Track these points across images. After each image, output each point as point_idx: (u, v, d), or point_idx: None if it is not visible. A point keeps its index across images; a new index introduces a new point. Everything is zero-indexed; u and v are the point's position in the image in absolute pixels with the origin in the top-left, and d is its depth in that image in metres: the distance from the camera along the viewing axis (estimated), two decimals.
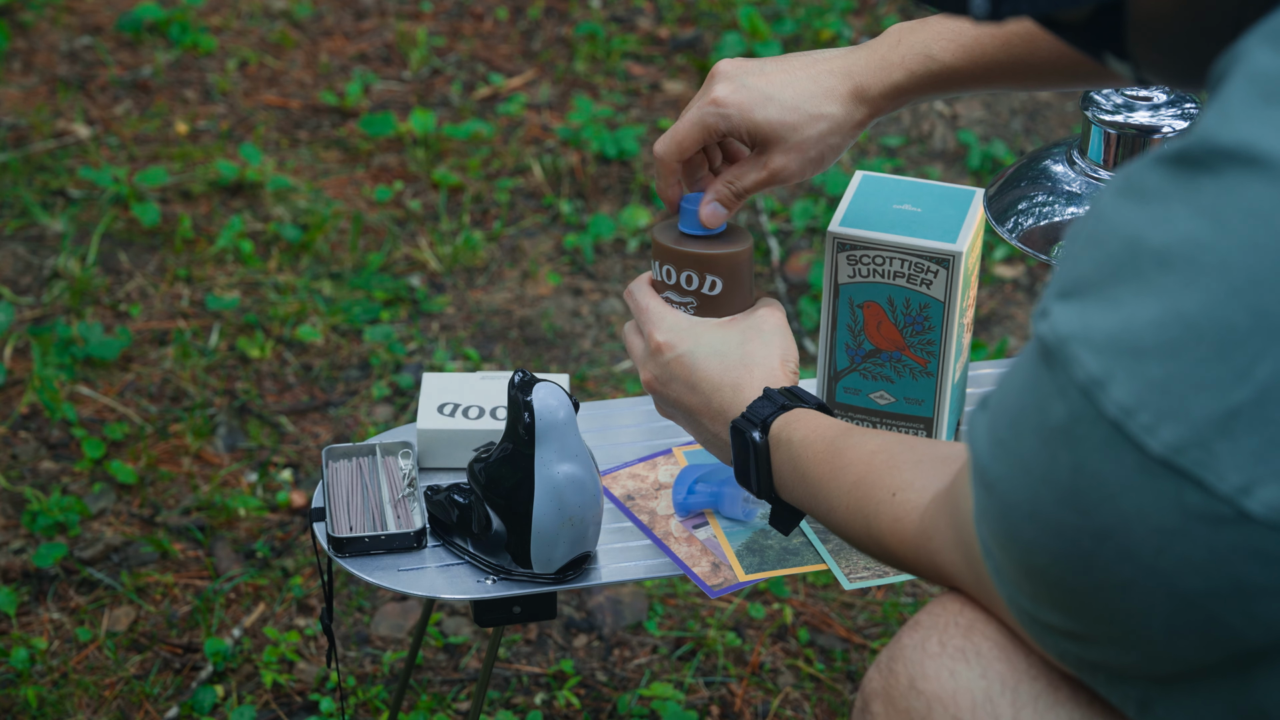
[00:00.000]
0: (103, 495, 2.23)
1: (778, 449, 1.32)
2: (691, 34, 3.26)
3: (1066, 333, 0.86)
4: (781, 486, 1.33)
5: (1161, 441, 0.83)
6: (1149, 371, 0.83)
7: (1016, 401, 0.91)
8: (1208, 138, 0.83)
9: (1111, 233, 0.86)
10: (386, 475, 1.59)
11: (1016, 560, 0.94)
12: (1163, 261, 0.83)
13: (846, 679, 2.00)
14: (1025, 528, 0.91)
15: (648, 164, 2.91)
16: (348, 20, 3.31)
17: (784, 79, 1.42)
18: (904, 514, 1.17)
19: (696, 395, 1.40)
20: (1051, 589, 0.92)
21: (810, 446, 1.29)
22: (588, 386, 2.43)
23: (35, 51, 3.18)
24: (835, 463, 1.26)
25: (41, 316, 2.54)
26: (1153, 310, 0.83)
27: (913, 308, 1.55)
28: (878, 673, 1.11)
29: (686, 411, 1.41)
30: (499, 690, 1.99)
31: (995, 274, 2.70)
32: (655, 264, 1.52)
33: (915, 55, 1.41)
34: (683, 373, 1.41)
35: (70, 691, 1.97)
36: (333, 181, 2.86)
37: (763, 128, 1.42)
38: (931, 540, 1.13)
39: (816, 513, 1.29)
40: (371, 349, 2.49)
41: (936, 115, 3.06)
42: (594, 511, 1.45)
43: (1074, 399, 0.85)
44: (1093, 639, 0.93)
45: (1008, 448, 0.92)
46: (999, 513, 0.93)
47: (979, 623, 1.07)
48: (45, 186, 2.82)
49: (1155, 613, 0.87)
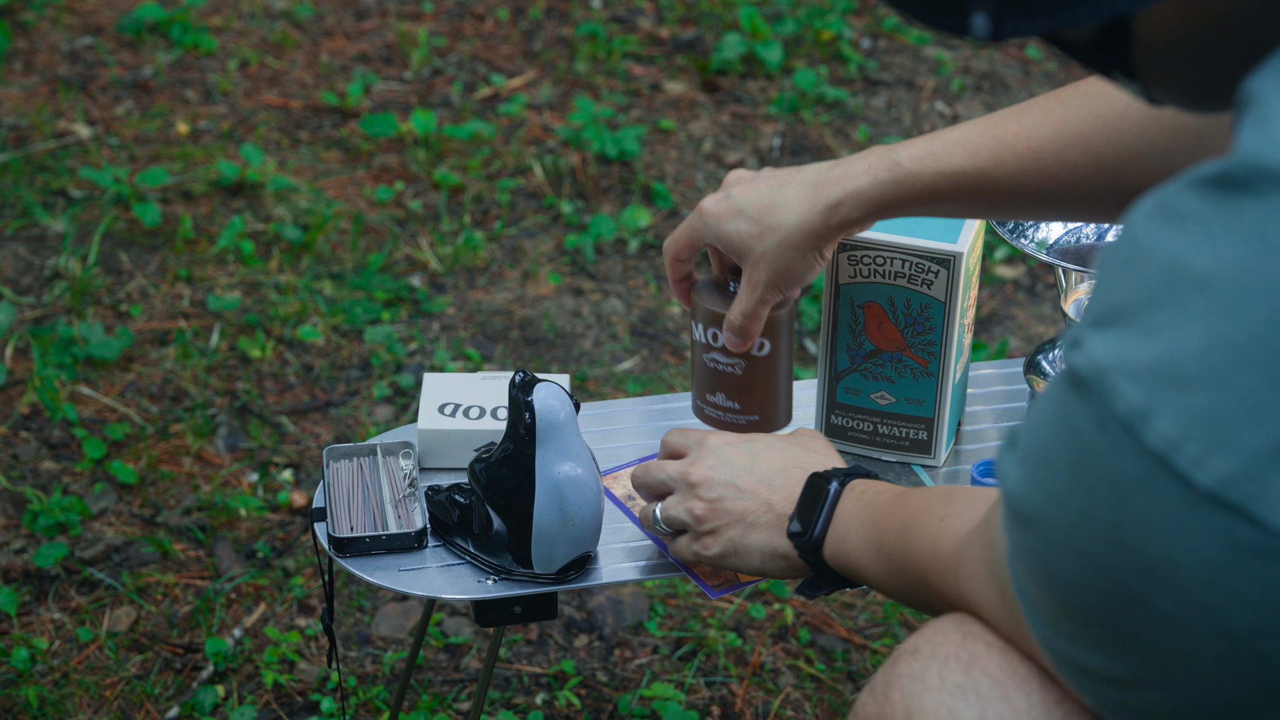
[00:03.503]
0: (103, 495, 2.23)
1: (846, 499, 1.33)
2: (692, 34, 3.26)
3: (1104, 363, 0.83)
4: (835, 538, 1.32)
5: (1210, 474, 0.80)
6: (1195, 402, 0.80)
7: (1048, 436, 0.88)
8: (1250, 159, 0.80)
9: (1148, 258, 0.83)
10: (387, 475, 1.59)
11: (1056, 599, 0.91)
12: (1205, 287, 0.80)
13: (847, 679, 2.01)
14: (1065, 565, 0.88)
15: (649, 164, 2.91)
16: (348, 20, 3.31)
17: (761, 191, 1.45)
18: (945, 535, 1.16)
19: (752, 477, 1.39)
20: (1093, 629, 0.89)
21: (879, 496, 1.30)
22: (588, 387, 2.43)
23: (36, 52, 3.18)
24: (896, 504, 1.27)
25: (42, 316, 2.54)
26: (1197, 338, 0.80)
27: (913, 308, 1.55)
28: (872, 698, 1.09)
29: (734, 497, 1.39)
30: (500, 690, 1.99)
31: (996, 274, 2.70)
32: (699, 326, 1.54)
33: (880, 161, 1.40)
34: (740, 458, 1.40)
35: (71, 691, 1.97)
36: (333, 182, 2.86)
37: (733, 239, 1.45)
38: (963, 567, 1.11)
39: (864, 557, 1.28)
40: (372, 349, 2.49)
41: (937, 115, 3.06)
42: (595, 512, 1.45)
43: (1114, 432, 0.82)
44: (1136, 682, 0.89)
45: (1042, 484, 0.89)
46: (1036, 551, 0.90)
47: (980, 658, 1.05)
48: (46, 187, 2.82)
49: (1203, 652, 0.84)
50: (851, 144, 2.97)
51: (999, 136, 1.38)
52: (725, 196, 1.46)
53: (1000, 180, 1.38)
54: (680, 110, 3.06)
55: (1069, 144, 1.36)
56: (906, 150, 1.40)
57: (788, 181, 1.44)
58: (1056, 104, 1.37)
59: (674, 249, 1.51)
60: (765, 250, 1.44)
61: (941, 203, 1.40)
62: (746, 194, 1.45)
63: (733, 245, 1.46)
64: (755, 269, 1.45)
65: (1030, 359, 1.67)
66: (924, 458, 1.61)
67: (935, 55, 3.22)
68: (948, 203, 1.40)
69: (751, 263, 1.45)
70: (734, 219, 1.45)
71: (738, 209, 1.45)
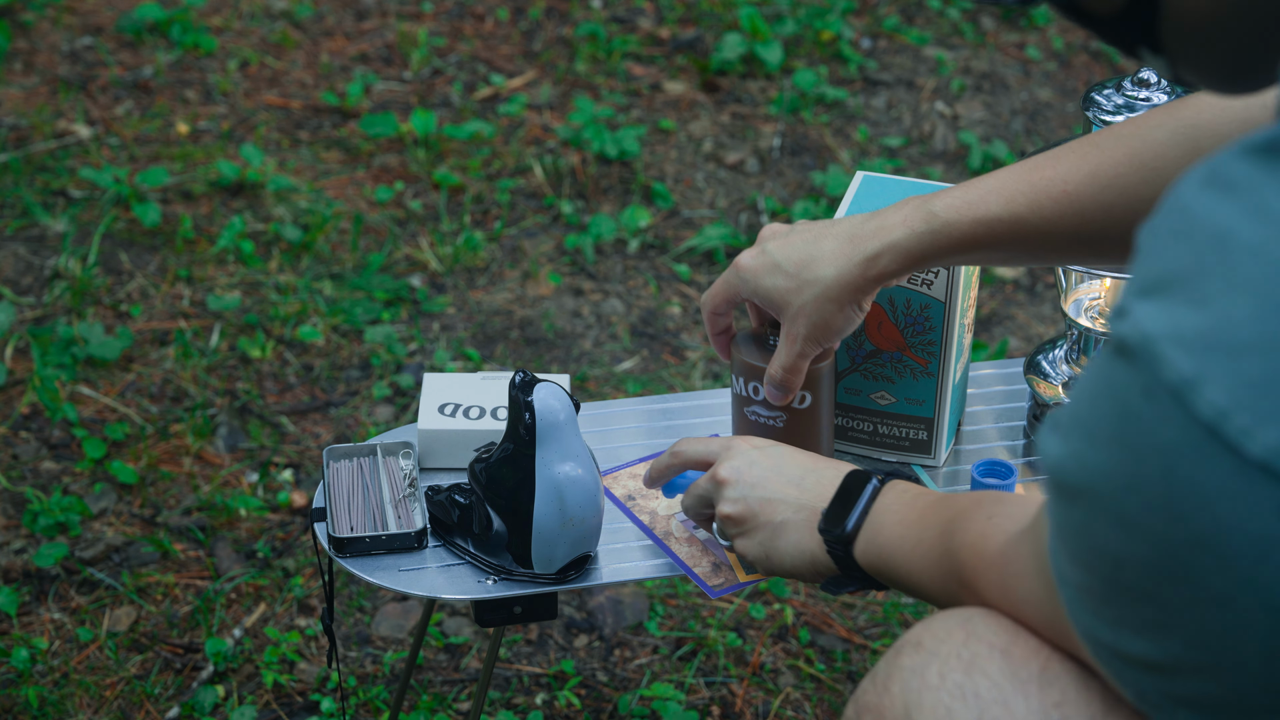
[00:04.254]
0: (104, 495, 2.23)
1: (885, 495, 1.32)
2: (692, 34, 3.26)
3: (1152, 331, 0.82)
4: (869, 534, 1.31)
5: (1261, 444, 0.79)
6: (1246, 370, 0.79)
7: (1093, 407, 0.86)
8: None
9: (1197, 227, 0.82)
10: (387, 475, 1.59)
11: (1102, 577, 0.89)
12: (1257, 254, 0.79)
13: (847, 679, 2.00)
14: (1111, 539, 0.86)
15: (649, 164, 2.91)
16: (348, 20, 3.31)
17: (795, 245, 1.45)
18: (992, 533, 1.14)
19: (782, 477, 1.39)
20: (1138, 609, 0.87)
21: (919, 499, 1.30)
22: (588, 387, 2.43)
23: (36, 52, 3.18)
24: (940, 504, 1.26)
25: (42, 317, 2.54)
26: (1248, 305, 0.79)
27: (913, 308, 1.55)
28: (873, 686, 1.09)
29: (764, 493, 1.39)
30: (500, 690, 1.99)
31: (996, 274, 2.70)
32: (739, 380, 1.54)
33: (916, 212, 1.40)
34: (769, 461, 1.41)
35: (71, 691, 1.97)
36: (333, 182, 2.86)
37: (770, 294, 1.46)
38: (1011, 564, 1.09)
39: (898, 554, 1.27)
40: (372, 349, 2.49)
41: (937, 116, 3.06)
42: (595, 512, 1.45)
43: (1162, 401, 0.81)
44: (1179, 668, 0.87)
45: (1087, 456, 0.87)
46: (1081, 526, 0.89)
47: (981, 659, 1.05)
48: (46, 187, 2.82)
49: (1251, 632, 0.82)
50: (851, 144, 2.97)
51: (1034, 182, 1.37)
52: (761, 251, 1.47)
53: (1037, 225, 1.38)
54: (680, 110, 3.06)
55: (1105, 186, 1.35)
56: (942, 200, 1.39)
57: (823, 235, 1.45)
58: (1091, 147, 1.37)
59: (711, 304, 1.51)
60: (804, 305, 1.44)
61: (979, 250, 1.40)
62: (782, 249, 1.46)
63: (770, 300, 1.46)
64: (794, 323, 1.45)
65: (1030, 359, 1.67)
66: (924, 458, 1.61)
67: (935, 55, 3.22)
68: (985, 250, 1.40)
69: (790, 317, 1.45)
70: (771, 274, 1.45)
71: (774, 264, 1.45)
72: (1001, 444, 1.65)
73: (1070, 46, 3.27)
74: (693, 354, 2.50)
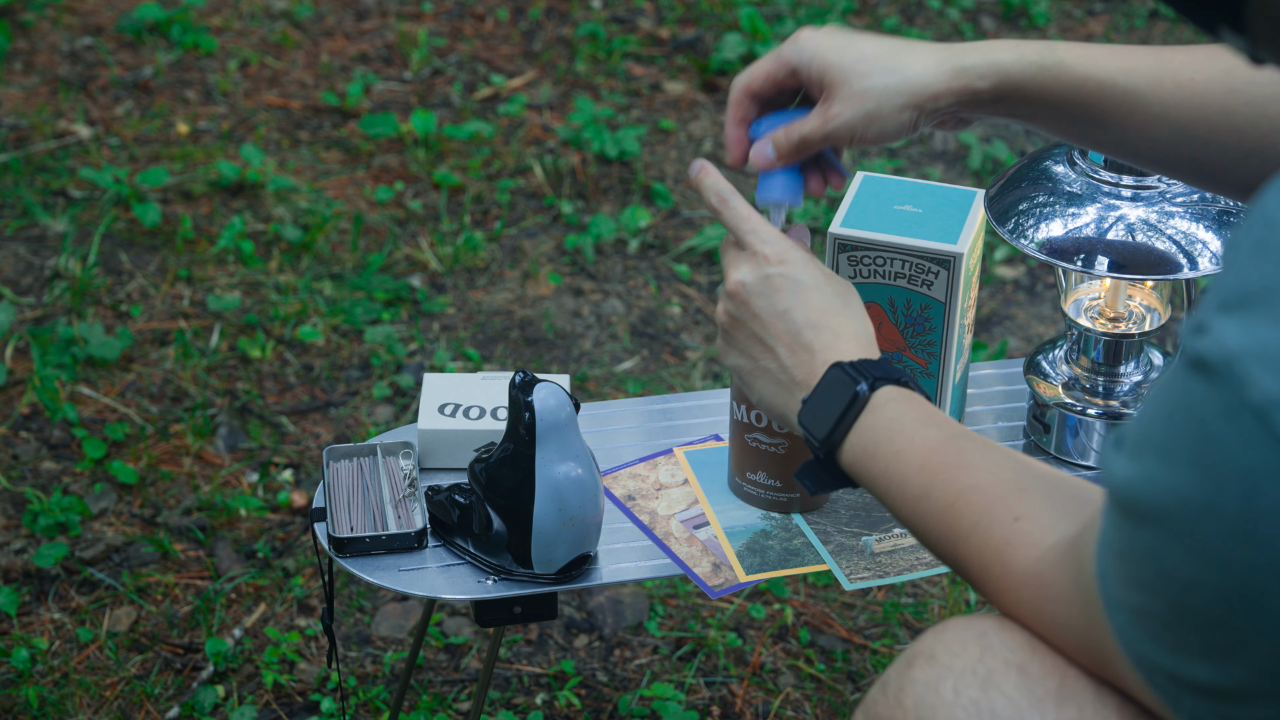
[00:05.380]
0: (104, 495, 2.23)
1: (877, 412, 1.22)
2: (692, 34, 3.26)
3: (1236, 349, 0.79)
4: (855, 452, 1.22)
5: None
6: None
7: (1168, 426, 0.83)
8: None
9: None
10: (387, 475, 1.59)
11: (1169, 601, 0.86)
12: None
13: (847, 679, 2.01)
14: (1184, 564, 0.83)
15: (649, 164, 2.91)
16: (348, 21, 3.31)
17: (875, 38, 1.32)
18: (1021, 543, 1.08)
19: (786, 321, 1.28)
20: (1205, 634, 0.85)
21: (922, 429, 1.19)
22: (588, 387, 2.43)
23: (36, 52, 3.18)
24: (949, 459, 1.16)
25: (42, 317, 2.54)
26: None
27: (913, 308, 1.55)
28: (884, 697, 1.06)
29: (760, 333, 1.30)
30: (500, 690, 1.99)
31: (996, 274, 2.70)
32: (740, 406, 1.51)
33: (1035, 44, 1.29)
34: (784, 290, 1.29)
35: (71, 692, 1.97)
36: (334, 182, 2.86)
37: (832, 69, 1.30)
38: (1047, 588, 1.05)
39: (891, 492, 1.19)
40: (372, 349, 2.49)
41: None
42: (595, 512, 1.45)
43: (1245, 422, 0.79)
44: (1245, 695, 0.85)
45: (1160, 477, 0.84)
46: (1150, 550, 0.86)
47: (997, 676, 1.03)
48: (46, 187, 2.82)
49: None
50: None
51: (1162, 61, 1.28)
52: (828, 31, 1.31)
53: (1150, 104, 1.27)
54: (680, 110, 3.06)
55: (1234, 89, 1.25)
56: (1063, 44, 1.29)
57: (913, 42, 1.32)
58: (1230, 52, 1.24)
59: (747, 79, 1.35)
60: (867, 89, 1.29)
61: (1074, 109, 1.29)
62: (856, 34, 1.32)
63: (829, 70, 1.31)
64: (843, 103, 1.31)
65: (1030, 359, 1.67)
66: None
67: None
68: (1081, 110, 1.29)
69: (842, 96, 1.30)
70: (842, 48, 1.30)
71: (849, 39, 1.31)
72: (1001, 444, 1.65)
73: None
74: (693, 354, 2.50)
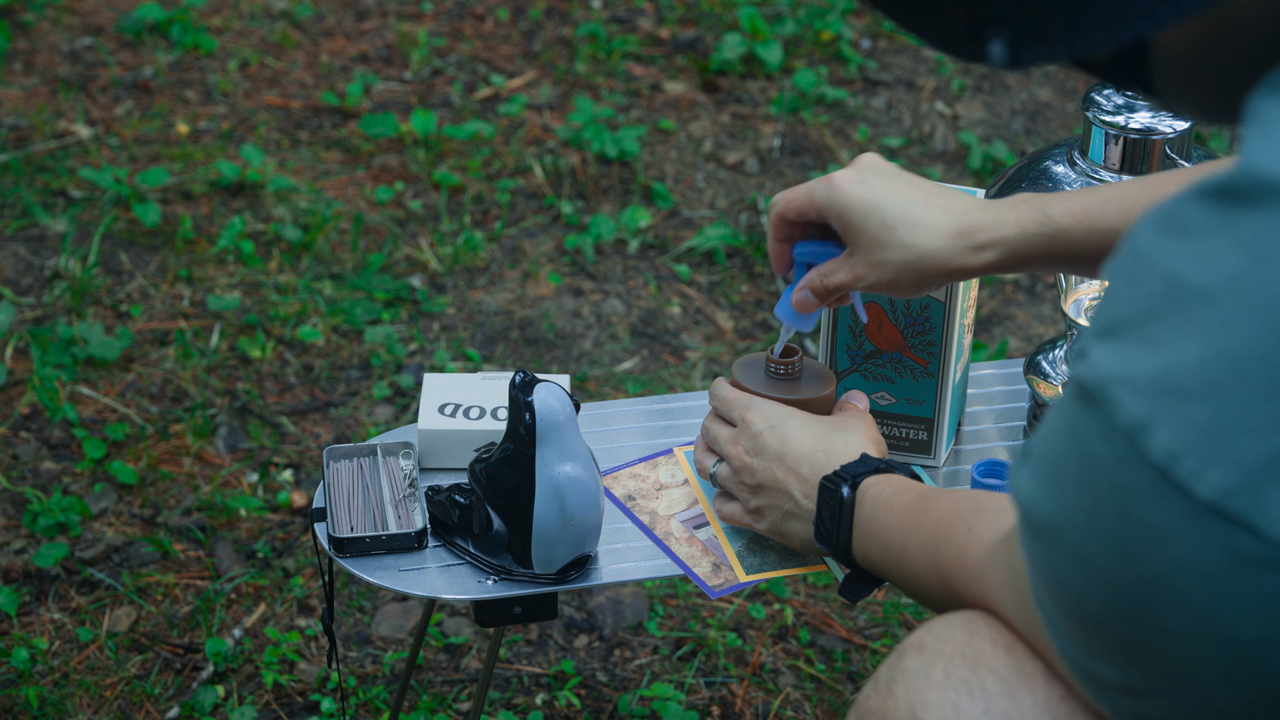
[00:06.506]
0: (104, 495, 2.23)
1: (862, 503, 1.34)
2: (692, 34, 3.26)
3: (1107, 374, 0.83)
4: (860, 544, 1.35)
5: (1210, 486, 0.80)
6: (1194, 414, 0.80)
7: (1058, 446, 0.88)
8: (1251, 171, 0.80)
9: (1150, 270, 0.83)
10: (387, 475, 1.59)
11: (1068, 610, 0.91)
12: (1206, 299, 0.80)
13: (847, 679, 2.01)
14: (1075, 576, 0.88)
15: (649, 164, 2.91)
16: (348, 21, 3.31)
17: (903, 196, 1.39)
18: (972, 544, 1.17)
19: (784, 465, 1.43)
20: (1104, 639, 0.89)
21: (897, 498, 1.31)
22: (588, 387, 2.43)
23: (36, 52, 3.18)
24: (919, 509, 1.27)
25: (42, 317, 2.54)
26: (1196, 350, 0.80)
27: (913, 308, 1.55)
28: (875, 692, 1.09)
29: (772, 484, 1.44)
30: (500, 690, 1.99)
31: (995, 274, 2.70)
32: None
33: (1031, 211, 1.37)
34: (774, 443, 1.44)
35: (71, 692, 1.97)
36: (334, 182, 2.86)
37: (856, 231, 1.40)
38: (987, 577, 1.12)
39: (888, 562, 1.30)
40: (372, 349, 2.49)
41: (938, 116, 3.06)
42: (595, 512, 1.45)
43: (1117, 443, 0.83)
44: (1148, 693, 0.89)
45: (1052, 494, 0.89)
46: (1047, 561, 0.91)
47: (986, 655, 1.06)
48: (46, 187, 2.82)
49: (1210, 663, 0.84)
50: (851, 144, 2.97)
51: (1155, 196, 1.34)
52: (861, 180, 1.40)
53: None
54: (680, 110, 3.06)
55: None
56: (1059, 204, 1.36)
57: (934, 201, 1.39)
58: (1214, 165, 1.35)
59: (785, 205, 1.44)
60: (886, 260, 1.39)
61: (1085, 260, 1.37)
62: (888, 191, 1.39)
63: (853, 236, 1.40)
64: (868, 269, 1.40)
65: (1030, 359, 1.67)
66: (924, 458, 1.61)
67: (935, 56, 3.22)
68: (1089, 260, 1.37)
69: (868, 263, 1.40)
70: (868, 212, 1.39)
71: (874, 203, 1.39)
72: (1001, 444, 1.65)
73: None
74: (693, 354, 2.50)
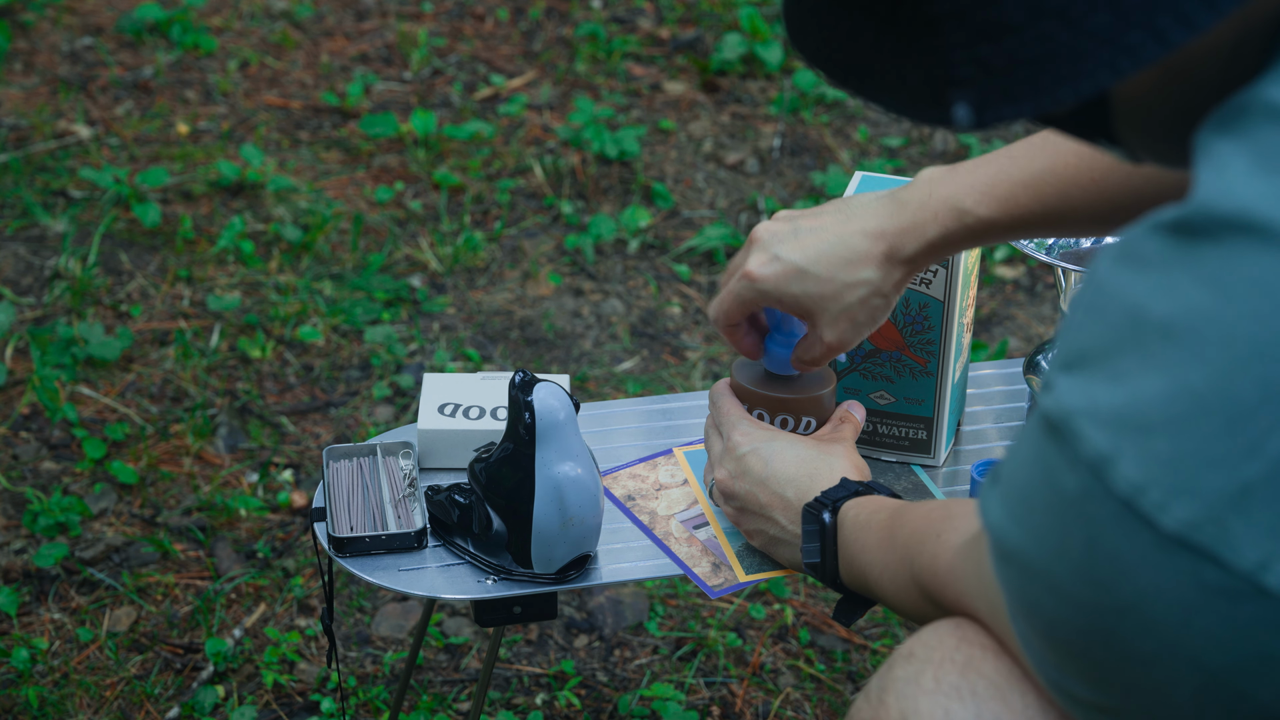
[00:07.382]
0: (104, 495, 2.23)
1: (844, 527, 1.35)
2: (692, 34, 3.26)
3: (1072, 407, 0.84)
4: (845, 567, 1.35)
5: (1174, 519, 0.81)
6: (1157, 448, 0.81)
7: (1027, 476, 0.89)
8: (1207, 206, 0.81)
9: (1111, 302, 0.84)
10: (387, 475, 1.59)
11: (1041, 632, 0.92)
12: (1166, 333, 0.81)
13: (847, 680, 2.01)
14: (1046, 600, 0.90)
15: (649, 164, 2.91)
16: (349, 21, 3.31)
17: (816, 246, 1.40)
18: (941, 551, 1.17)
19: (768, 490, 1.43)
20: (1078, 661, 0.90)
21: (874, 517, 1.32)
22: (588, 387, 2.43)
23: (36, 52, 3.18)
24: (894, 525, 1.28)
25: (42, 317, 2.54)
26: (1158, 384, 0.81)
27: (912, 307, 1.55)
28: (867, 702, 1.09)
29: (756, 509, 1.45)
30: (500, 690, 1.99)
31: (995, 274, 2.70)
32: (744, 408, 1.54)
33: (947, 210, 1.38)
34: (758, 467, 1.44)
35: (71, 692, 1.97)
36: (334, 182, 2.86)
37: (801, 300, 1.41)
38: (959, 581, 1.12)
39: (869, 579, 1.31)
40: (372, 349, 2.49)
41: None
42: (595, 512, 1.45)
43: (1083, 475, 0.84)
44: (1122, 712, 0.90)
45: (1021, 521, 0.90)
46: (1019, 585, 0.92)
47: (975, 660, 1.06)
48: (46, 187, 2.82)
49: (1181, 687, 0.85)
50: (851, 144, 2.97)
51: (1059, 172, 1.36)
52: (774, 258, 1.40)
53: (1066, 214, 1.38)
54: (680, 110, 3.06)
55: (1132, 171, 1.34)
56: (970, 196, 1.38)
57: (847, 232, 1.40)
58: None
59: (725, 319, 1.46)
60: (845, 308, 1.41)
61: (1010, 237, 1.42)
62: (803, 251, 1.40)
63: (801, 307, 1.41)
64: (832, 326, 1.42)
65: (1030, 359, 1.67)
66: (924, 458, 1.61)
67: None
68: (1017, 236, 1.42)
69: (828, 321, 1.41)
70: (798, 280, 1.40)
71: (799, 270, 1.40)
72: (1001, 444, 1.65)
73: None
74: (692, 354, 2.50)
